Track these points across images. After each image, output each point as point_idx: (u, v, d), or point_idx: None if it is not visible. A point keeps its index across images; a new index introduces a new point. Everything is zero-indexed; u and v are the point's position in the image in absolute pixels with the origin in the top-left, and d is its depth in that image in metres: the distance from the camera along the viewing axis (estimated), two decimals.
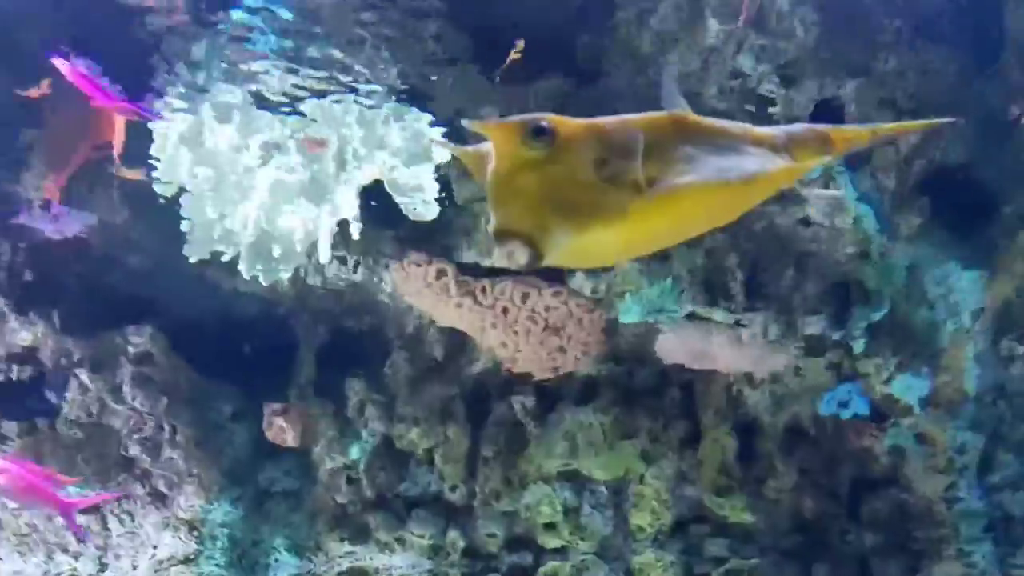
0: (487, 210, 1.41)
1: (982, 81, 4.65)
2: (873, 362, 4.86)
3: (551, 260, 1.40)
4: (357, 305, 5.47)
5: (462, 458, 5.34)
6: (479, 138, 1.46)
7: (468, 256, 4.89)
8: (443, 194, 4.68)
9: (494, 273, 4.92)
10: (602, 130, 1.46)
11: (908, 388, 4.86)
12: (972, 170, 4.77)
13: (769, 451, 5.17)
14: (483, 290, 4.91)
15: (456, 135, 4.45)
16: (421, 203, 4.60)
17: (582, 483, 5.27)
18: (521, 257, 1.38)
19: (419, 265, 4.87)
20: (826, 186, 4.54)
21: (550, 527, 5.25)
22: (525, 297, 4.89)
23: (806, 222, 4.75)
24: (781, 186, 1.67)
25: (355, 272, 4.99)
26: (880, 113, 4.47)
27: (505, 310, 4.92)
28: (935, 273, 4.78)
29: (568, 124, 1.44)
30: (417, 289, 4.96)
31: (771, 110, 4.44)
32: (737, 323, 4.83)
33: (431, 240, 4.93)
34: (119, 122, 4.60)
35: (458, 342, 5.31)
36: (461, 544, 5.32)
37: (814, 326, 4.80)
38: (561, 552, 5.28)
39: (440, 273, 4.87)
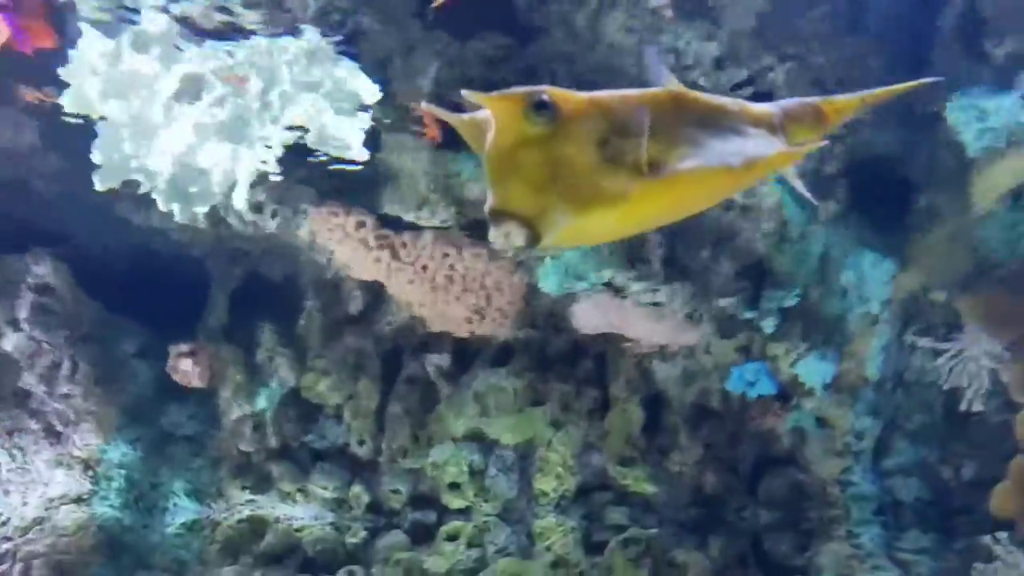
0: (484, 183, 1.36)
1: (909, 75, 4.72)
2: (782, 344, 4.95)
3: (548, 242, 1.36)
4: (274, 251, 5.35)
5: (371, 413, 5.30)
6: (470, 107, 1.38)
7: (390, 209, 4.81)
8: (368, 144, 4.57)
9: (415, 228, 4.85)
10: (605, 106, 1.41)
11: (813, 371, 4.96)
12: (893, 161, 4.86)
13: (675, 424, 5.25)
14: (403, 245, 4.84)
15: (383, 80, 4.36)
16: (345, 151, 4.49)
17: (490, 446, 5.29)
18: (518, 239, 1.33)
19: (338, 215, 4.78)
20: None
21: (455, 487, 5.26)
22: (445, 255, 4.84)
23: (727, 203, 4.79)
24: (778, 169, 1.66)
25: (273, 217, 4.86)
26: (800, 89, 4.51)
27: (425, 267, 4.87)
28: (849, 261, 4.87)
29: (571, 99, 1.39)
30: (335, 239, 4.86)
31: (702, 88, 4.44)
32: (654, 297, 4.87)
33: (353, 190, 4.83)
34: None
35: (375, 296, 5.24)
36: (365, 499, 5.30)
37: (727, 305, 4.86)
38: (464, 512, 5.29)
39: (359, 225, 4.79)
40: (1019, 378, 4.34)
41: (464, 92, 1.37)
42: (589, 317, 5.03)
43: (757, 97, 4.48)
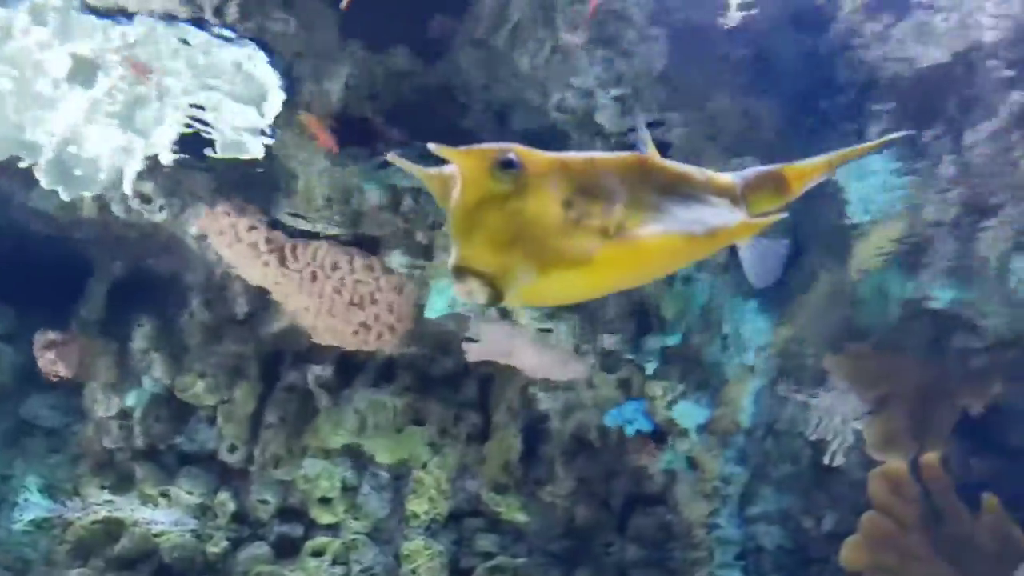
0: (449, 239, 1.35)
1: (808, 131, 4.91)
2: (661, 384, 5.05)
3: (511, 301, 1.36)
4: (161, 245, 5.19)
5: (246, 419, 5.17)
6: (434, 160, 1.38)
7: (284, 214, 4.73)
8: (267, 145, 4.50)
9: (309, 236, 4.78)
10: (571, 168, 1.42)
11: (688, 414, 5.07)
12: (782, 218, 5.03)
13: (552, 456, 5.28)
14: (293, 251, 4.76)
15: (290, 82, 4.31)
16: (242, 149, 4.40)
17: (365, 463, 5.21)
18: (480, 296, 1.34)
19: (229, 215, 4.67)
20: None
21: (325, 502, 5.16)
22: (336, 266, 4.78)
23: None
24: (739, 238, 1.68)
25: (161, 210, 4.72)
26: (707, 149, 4.65)
27: (314, 275, 4.80)
28: (730, 310, 5.02)
29: (537, 159, 1.39)
30: (225, 240, 4.75)
31: (604, 129, 4.53)
32: (542, 328, 4.90)
33: (248, 190, 4.74)
34: None
35: (262, 300, 5.13)
36: (231, 507, 5.15)
37: (612, 342, 4.93)
38: (333, 529, 5.19)
39: (250, 227, 4.69)
40: (876, 436, 4.53)
41: (431, 145, 1.36)
42: (477, 342, 5.03)
43: (658, 146, 4.61)
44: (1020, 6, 3.96)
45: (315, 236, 4.79)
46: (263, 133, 4.49)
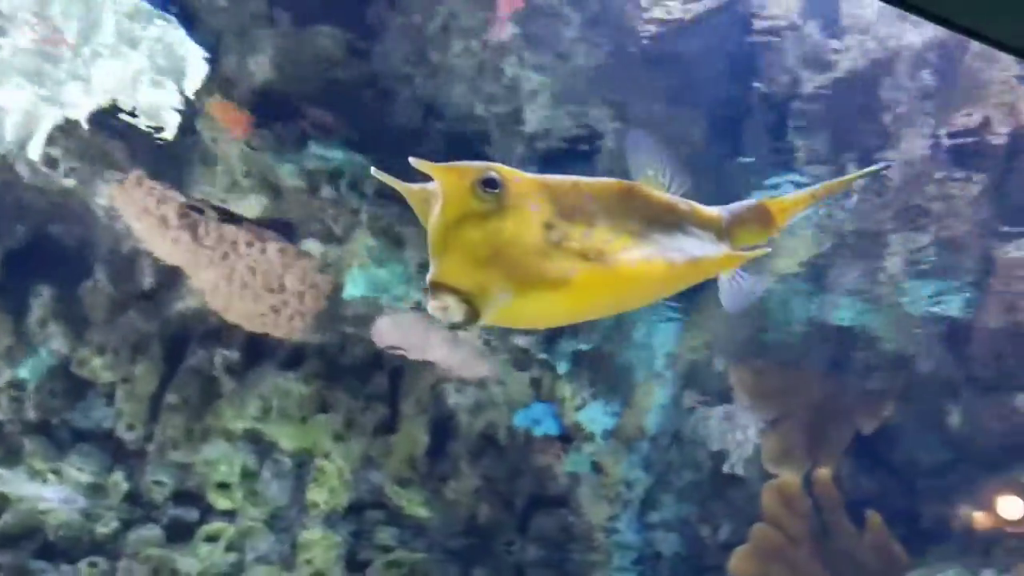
0: (428, 255, 1.31)
1: (728, 146, 4.99)
2: (571, 387, 5.08)
3: (487, 320, 1.32)
4: (68, 212, 5.01)
5: (146, 398, 5.02)
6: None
7: (199, 190, 4.61)
8: (185, 121, 4.39)
9: (224, 214, 4.68)
10: (554, 190, 1.41)
11: (595, 418, 5.12)
12: None
13: (459, 453, 5.27)
14: (207, 229, 4.65)
15: (213, 57, 4.21)
16: (159, 121, 4.29)
17: (267, 449, 5.12)
18: (456, 314, 1.29)
19: (141, 185, 4.54)
20: None
21: (224, 487, 5.05)
22: (250, 246, 4.68)
23: None
24: (722, 270, 1.68)
25: (68, 175, 4.55)
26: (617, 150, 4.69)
27: (226, 255, 4.69)
28: (643, 318, 5.08)
29: (520, 180, 1.38)
30: (135, 212, 4.61)
31: (529, 127, 4.54)
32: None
33: (163, 164, 4.60)
34: None
35: (170, 276, 4.99)
36: (124, 487, 5.00)
37: (525, 342, 4.95)
38: (230, 514, 5.08)
39: (163, 200, 4.56)
40: (772, 450, 4.64)
41: (412, 160, 1.35)
42: (389, 333, 4.99)
43: (584, 155, 4.65)
44: (935, 32, 4.11)
45: (230, 216, 4.68)
46: (181, 107, 4.39)
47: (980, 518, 4.13)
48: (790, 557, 4.35)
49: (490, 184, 1.34)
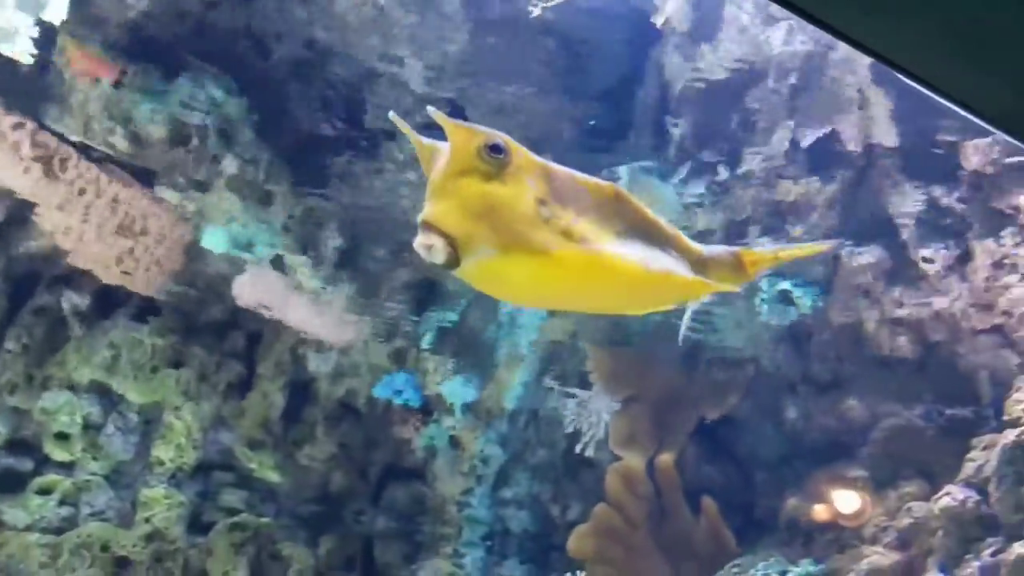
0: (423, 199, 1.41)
1: (610, 139, 5.07)
2: (434, 360, 5.08)
3: (465, 270, 1.42)
4: None
5: None
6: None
7: (56, 123, 4.38)
8: (44, 49, 4.16)
9: (82, 152, 4.46)
10: (552, 174, 1.52)
11: (456, 392, 5.13)
12: None
13: (315, 418, 5.20)
14: (63, 163, 4.42)
15: None
16: (10, 44, 4.05)
17: (114, 401, 4.93)
18: (439, 255, 1.38)
19: None
20: None
21: (63, 438, 4.83)
22: (107, 187, 4.48)
23: (418, 211, 4.86)
24: (691, 295, 1.76)
25: None
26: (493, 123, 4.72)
27: (82, 192, 4.48)
28: None
29: (524, 154, 1.49)
30: None
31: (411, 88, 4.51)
32: (321, 285, 4.82)
33: (19, 94, 4.35)
34: None
35: (20, 211, 4.72)
36: None
37: (392, 311, 4.92)
38: (67, 467, 4.87)
39: (17, 126, 4.32)
40: (619, 434, 4.76)
41: (431, 110, 1.47)
42: (250, 291, 4.88)
43: (455, 112, 4.63)
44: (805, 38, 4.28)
45: (88, 154, 4.47)
46: (39, 37, 4.16)
47: (803, 510, 4.36)
48: (626, 538, 4.47)
49: (495, 149, 1.44)
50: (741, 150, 4.53)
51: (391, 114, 1.56)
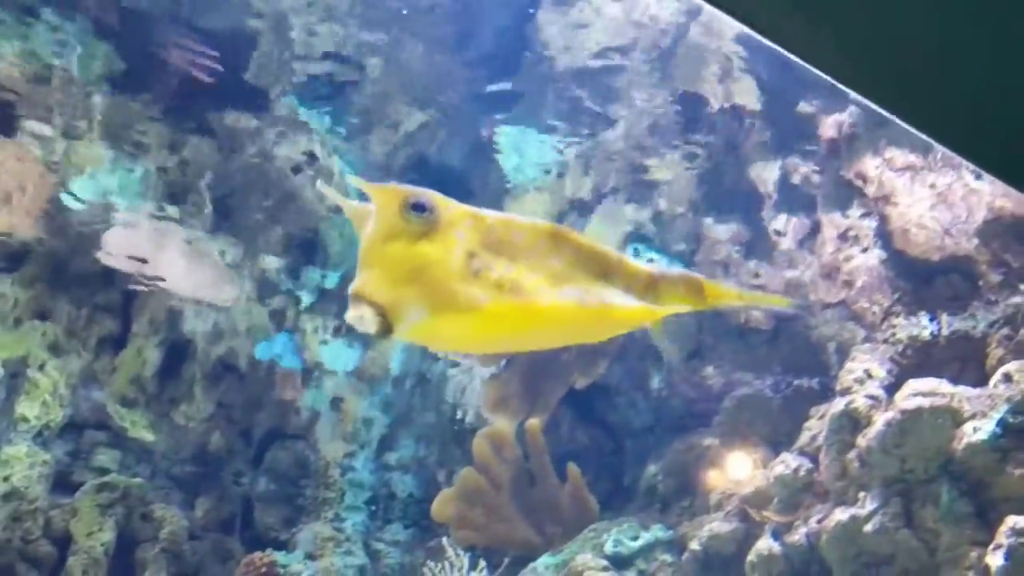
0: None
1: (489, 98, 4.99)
2: (315, 321, 4.98)
3: (400, 335, 1.40)
4: None
5: None
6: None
7: None
8: None
9: None
10: (483, 222, 1.50)
11: (339, 355, 5.05)
12: (456, 172, 5.10)
13: (193, 377, 5.06)
14: None
15: None
16: None
17: None
18: (370, 325, 1.37)
19: None
20: None
21: None
22: None
23: (297, 168, 4.75)
24: (636, 322, 1.71)
25: None
26: (395, 96, 4.63)
27: None
28: None
29: (452, 208, 1.46)
30: None
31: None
32: (197, 241, 4.67)
33: None
34: None
35: None
36: None
37: (272, 269, 4.80)
38: None
39: None
40: (490, 398, 4.73)
41: (350, 178, 1.50)
42: (123, 244, 4.71)
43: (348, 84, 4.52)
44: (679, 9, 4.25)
45: None
46: None
47: (660, 478, 4.42)
48: (490, 502, 4.45)
49: (420, 208, 1.42)
50: (611, 115, 4.51)
51: (319, 183, 1.55)
